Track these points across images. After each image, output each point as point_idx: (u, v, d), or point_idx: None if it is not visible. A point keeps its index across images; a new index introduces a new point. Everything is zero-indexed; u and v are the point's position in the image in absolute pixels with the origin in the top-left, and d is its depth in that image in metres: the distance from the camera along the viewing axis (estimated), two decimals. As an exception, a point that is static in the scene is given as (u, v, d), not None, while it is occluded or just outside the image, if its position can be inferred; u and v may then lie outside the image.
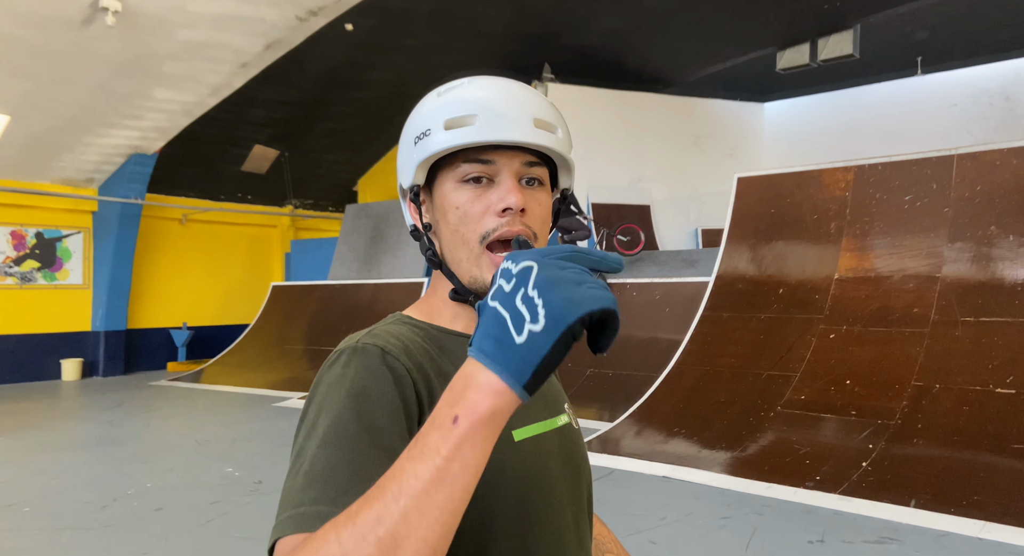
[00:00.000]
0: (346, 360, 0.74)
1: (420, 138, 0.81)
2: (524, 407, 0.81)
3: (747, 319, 6.49)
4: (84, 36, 8.12)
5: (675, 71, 13.65)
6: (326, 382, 0.73)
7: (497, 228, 0.79)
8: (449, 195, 0.81)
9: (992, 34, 11.78)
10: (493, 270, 0.80)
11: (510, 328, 0.55)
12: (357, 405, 0.69)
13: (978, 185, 5.77)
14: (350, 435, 0.67)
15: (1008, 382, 4.82)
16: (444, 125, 0.79)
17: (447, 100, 0.81)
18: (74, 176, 11.20)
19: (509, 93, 0.81)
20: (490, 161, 0.80)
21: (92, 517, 4.43)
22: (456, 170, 0.81)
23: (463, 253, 0.81)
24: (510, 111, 0.79)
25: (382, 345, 0.75)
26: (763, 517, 4.22)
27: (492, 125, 0.78)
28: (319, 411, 0.71)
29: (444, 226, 0.83)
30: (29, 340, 10.96)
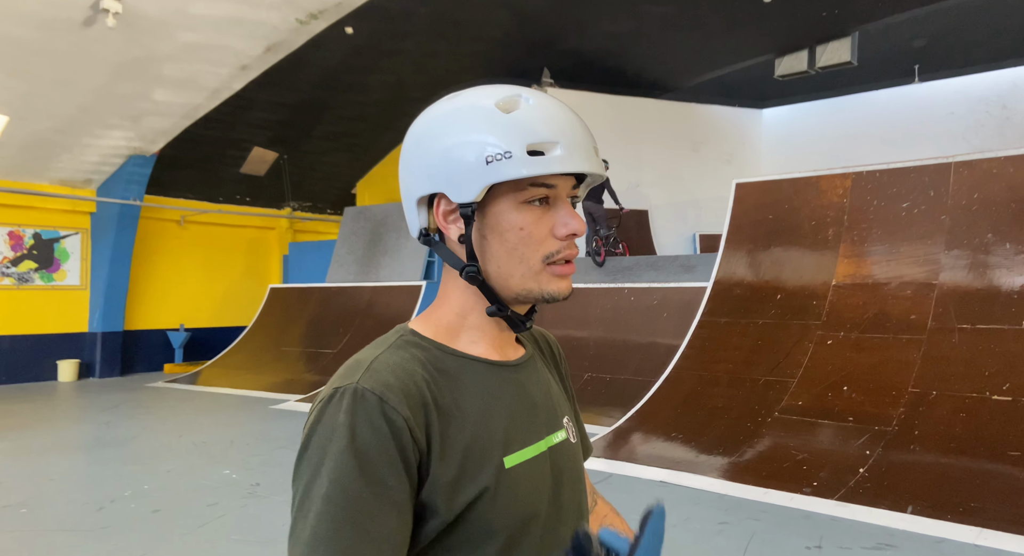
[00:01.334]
0: (347, 407, 0.72)
1: (497, 159, 0.77)
2: (519, 429, 0.83)
3: (745, 325, 6.50)
4: (84, 37, 8.13)
5: (674, 77, 13.70)
6: (328, 428, 0.72)
7: (560, 251, 0.82)
8: (509, 215, 0.81)
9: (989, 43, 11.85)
10: (554, 282, 0.83)
11: None
12: (359, 463, 0.70)
13: (975, 193, 5.80)
14: (354, 495, 0.69)
15: (1004, 389, 4.84)
16: (528, 149, 0.78)
17: (522, 120, 0.79)
18: (72, 177, 11.19)
19: (576, 120, 0.83)
20: (554, 185, 0.82)
21: (89, 519, 4.43)
22: (523, 192, 0.80)
23: (518, 270, 0.82)
24: (584, 141, 0.82)
25: (380, 393, 0.73)
26: (760, 523, 4.23)
27: (575, 155, 0.80)
28: (322, 459, 0.71)
29: (498, 244, 0.82)
30: (25, 341, 10.94)
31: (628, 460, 5.47)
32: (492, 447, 0.79)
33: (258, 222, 14.45)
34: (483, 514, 0.76)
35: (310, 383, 9.28)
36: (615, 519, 1.09)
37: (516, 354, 0.91)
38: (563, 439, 0.90)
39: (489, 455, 0.78)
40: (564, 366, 1.05)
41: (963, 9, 10.51)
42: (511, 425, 0.82)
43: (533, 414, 0.86)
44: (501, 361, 0.87)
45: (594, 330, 7.96)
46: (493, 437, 0.80)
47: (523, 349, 0.94)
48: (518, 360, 0.89)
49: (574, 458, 0.91)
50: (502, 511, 0.77)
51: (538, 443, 0.85)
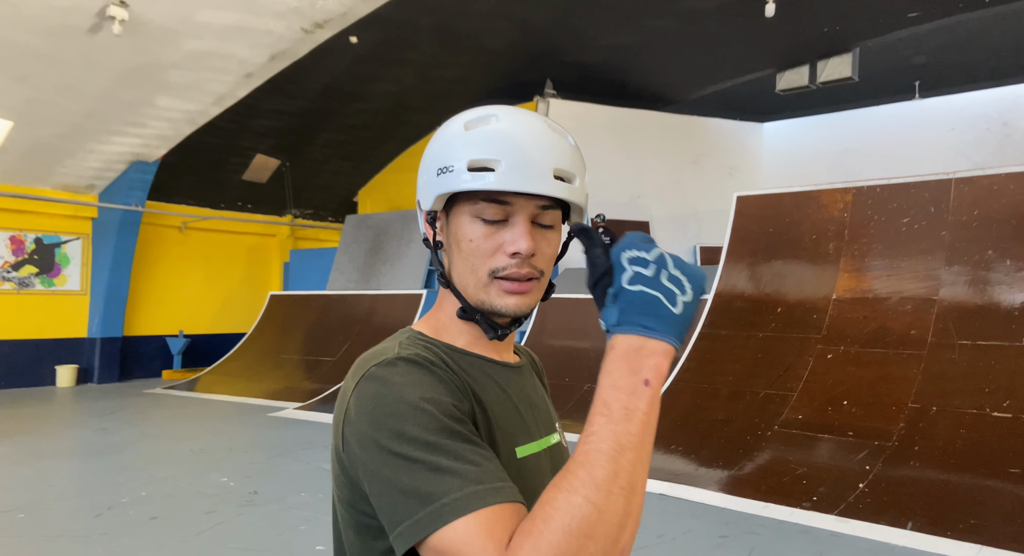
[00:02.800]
0: (400, 370, 0.76)
1: (443, 172, 0.83)
2: (526, 424, 0.87)
3: (745, 337, 6.51)
4: (90, 44, 8.17)
5: (675, 90, 13.76)
6: (388, 394, 0.74)
7: (506, 268, 0.83)
8: (465, 227, 0.84)
9: (990, 60, 11.92)
10: (502, 297, 0.84)
11: (665, 304, 0.71)
12: (436, 407, 0.73)
13: (975, 209, 5.82)
14: (449, 430, 0.72)
15: (1005, 406, 4.84)
16: (468, 165, 0.81)
17: (473, 137, 0.83)
18: (75, 182, 11.21)
19: (534, 138, 0.82)
20: (507, 203, 0.82)
21: (86, 525, 4.41)
22: (474, 205, 0.83)
23: (471, 280, 0.85)
24: (533, 160, 0.81)
25: (423, 357, 0.79)
26: (760, 537, 4.21)
27: (514, 174, 0.80)
28: (401, 419, 0.72)
29: (456, 253, 0.86)
30: (25, 346, 10.92)
31: (627, 472, 5.45)
32: (506, 434, 0.83)
33: (259, 229, 14.47)
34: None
35: (309, 391, 9.26)
36: None
37: (513, 359, 0.96)
38: (558, 441, 0.95)
39: (504, 441, 0.82)
40: (546, 384, 1.09)
41: (964, 27, 10.58)
42: (519, 419, 0.87)
43: (534, 413, 0.91)
44: (502, 361, 0.92)
45: (595, 341, 7.95)
46: (506, 426, 0.84)
47: (517, 357, 0.99)
48: (517, 364, 0.95)
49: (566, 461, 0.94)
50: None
51: (540, 440, 0.89)
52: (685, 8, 10.05)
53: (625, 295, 0.71)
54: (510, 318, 0.88)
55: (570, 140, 0.87)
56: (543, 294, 0.90)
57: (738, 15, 10.06)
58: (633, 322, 0.70)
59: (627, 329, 0.70)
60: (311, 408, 8.55)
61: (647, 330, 0.70)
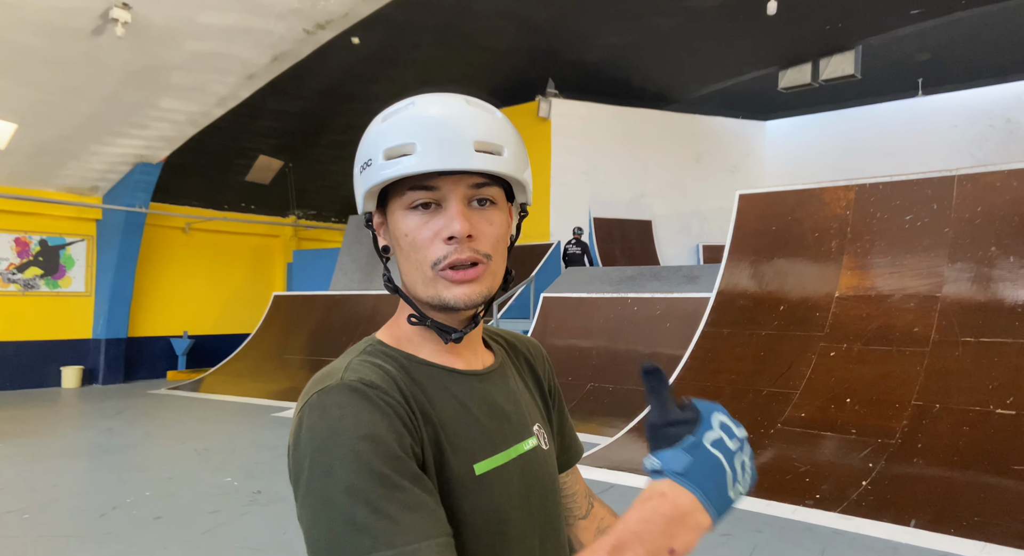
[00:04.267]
0: (339, 401, 0.72)
1: (364, 167, 0.80)
2: (488, 437, 0.83)
3: (748, 336, 6.50)
4: (94, 46, 8.20)
5: (677, 88, 13.75)
6: (326, 426, 0.70)
7: (447, 255, 0.79)
8: (399, 222, 0.81)
9: (993, 57, 11.88)
10: (450, 288, 0.80)
11: (728, 482, 0.69)
12: (372, 445, 0.69)
13: (978, 206, 5.81)
14: (379, 475, 0.68)
15: (1008, 403, 4.83)
16: (384, 155, 0.78)
17: (388, 127, 0.80)
18: (79, 184, 11.25)
19: (449, 117, 0.79)
20: (434, 187, 0.79)
21: (91, 525, 4.43)
22: (403, 197, 0.80)
23: (418, 277, 0.81)
24: (449, 137, 0.77)
25: (368, 381, 0.75)
26: (763, 534, 4.21)
27: (431, 154, 0.76)
28: (331, 457, 0.69)
29: (399, 252, 0.83)
30: (30, 347, 10.97)
31: (631, 471, 5.46)
32: (462, 453, 0.79)
33: (263, 230, 14.50)
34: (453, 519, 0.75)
35: (312, 391, 9.28)
36: (613, 520, 1.08)
37: (484, 362, 0.91)
38: (533, 446, 0.89)
39: (460, 460, 0.79)
40: (546, 370, 1.04)
41: (967, 23, 10.54)
42: (479, 433, 0.82)
43: (501, 422, 0.86)
44: (466, 370, 0.87)
45: (597, 340, 7.96)
46: (463, 443, 0.80)
47: (492, 356, 0.93)
48: (485, 370, 0.89)
49: (544, 463, 0.91)
50: (473, 517, 0.78)
51: (507, 451, 0.85)
52: (687, 6, 10.04)
53: (703, 452, 0.68)
54: (466, 314, 0.85)
55: (497, 114, 0.83)
56: (501, 283, 0.85)
57: (740, 13, 10.04)
58: (697, 482, 0.67)
59: (688, 484, 0.67)
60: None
61: (705, 498, 0.67)
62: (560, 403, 1.06)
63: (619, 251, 12.76)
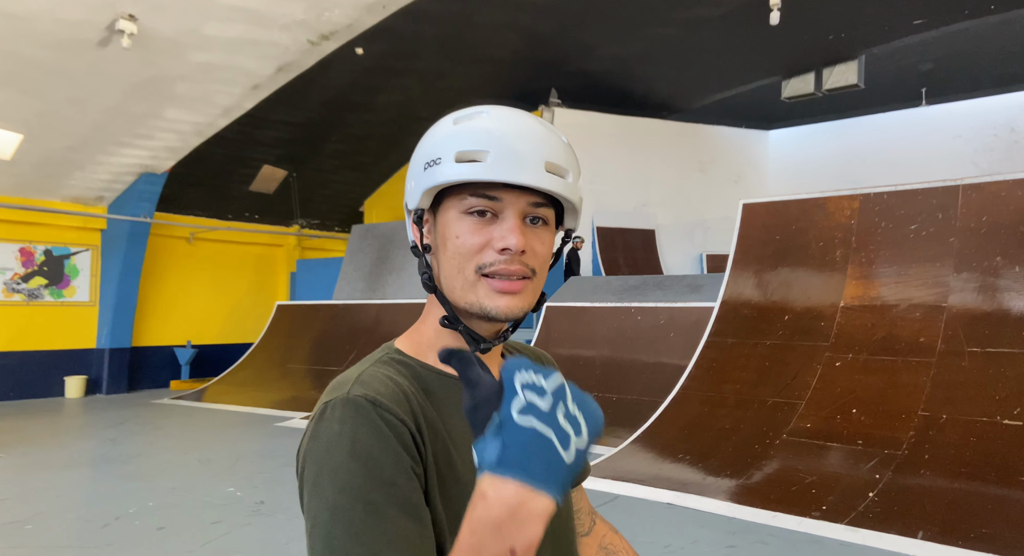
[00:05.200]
0: (340, 416, 0.72)
1: (430, 165, 0.80)
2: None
3: (752, 345, 6.48)
4: (100, 58, 8.26)
5: (681, 98, 13.78)
6: (324, 440, 0.71)
7: (495, 263, 0.79)
8: (452, 224, 0.81)
9: (996, 67, 11.89)
10: (492, 297, 0.79)
11: (557, 447, 0.57)
12: (364, 466, 0.69)
13: (983, 216, 5.79)
14: (364, 500, 0.67)
15: (1015, 414, 4.80)
16: (455, 157, 0.78)
17: (461, 130, 0.80)
18: (84, 194, 11.30)
19: (524, 131, 0.80)
20: (496, 198, 0.79)
21: (94, 535, 4.41)
22: (462, 201, 0.80)
23: (458, 281, 0.81)
24: (523, 151, 0.78)
25: (372, 399, 0.73)
26: (769, 546, 4.18)
27: (502, 164, 0.77)
28: (321, 473, 0.70)
29: (443, 252, 0.83)
30: (34, 357, 10.98)
31: (634, 481, 5.43)
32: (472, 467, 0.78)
33: (266, 239, 14.54)
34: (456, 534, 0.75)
35: (316, 401, 9.24)
36: (614, 538, 1.08)
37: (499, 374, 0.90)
38: None
39: (470, 474, 0.77)
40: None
41: (970, 33, 10.56)
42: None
43: None
44: None
45: (600, 349, 7.94)
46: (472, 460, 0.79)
47: None
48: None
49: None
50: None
51: None
52: (689, 17, 10.08)
53: (512, 429, 0.58)
54: (500, 325, 0.84)
55: (564, 138, 0.84)
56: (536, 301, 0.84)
57: (743, 23, 10.08)
58: (516, 466, 0.57)
59: (507, 473, 0.57)
60: (318, 418, 8.55)
61: (532, 480, 0.56)
62: None
63: (622, 260, 12.76)
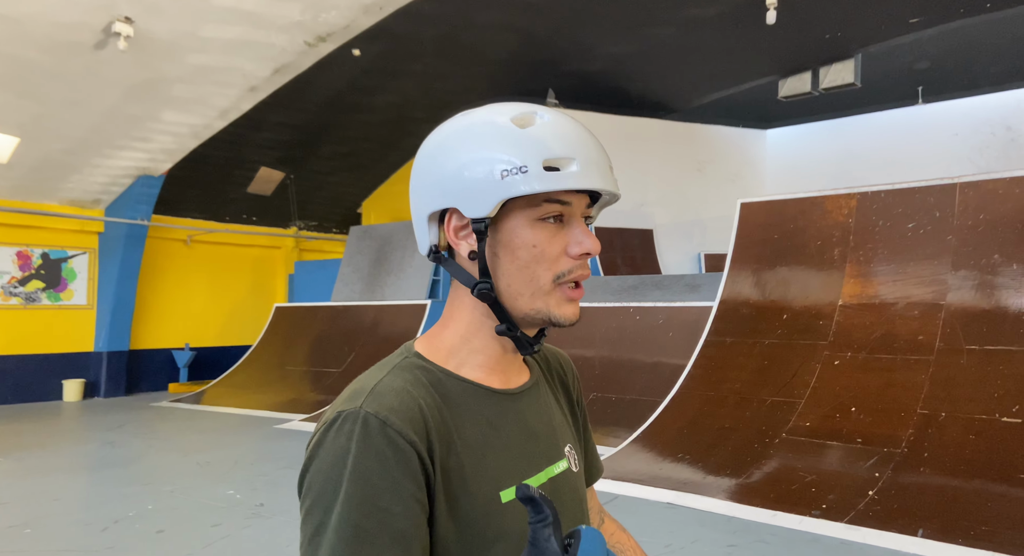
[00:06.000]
0: (349, 432, 0.71)
1: (512, 173, 0.76)
2: (518, 461, 0.81)
3: (751, 344, 6.48)
4: (96, 60, 8.24)
5: (678, 97, 13.79)
6: (329, 455, 0.72)
7: (572, 270, 0.81)
8: (523, 231, 0.79)
9: (993, 65, 11.91)
10: (562, 305, 0.81)
11: None
12: (362, 491, 0.69)
13: (981, 214, 5.80)
14: (356, 524, 0.68)
15: (1014, 411, 4.80)
16: (543, 164, 0.77)
17: (538, 136, 0.78)
18: (81, 197, 11.28)
19: (591, 138, 0.81)
20: (569, 203, 0.80)
21: (93, 539, 4.40)
22: (537, 208, 0.79)
23: (528, 289, 0.80)
24: (599, 159, 0.80)
25: (384, 417, 0.72)
26: (769, 545, 4.18)
27: (591, 172, 0.78)
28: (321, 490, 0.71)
29: (509, 261, 0.80)
30: (31, 360, 10.95)
31: (634, 481, 5.43)
32: (487, 480, 0.78)
33: (264, 241, 14.52)
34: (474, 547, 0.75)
35: (314, 402, 9.26)
36: (622, 536, 1.08)
37: (520, 379, 0.89)
38: (564, 469, 0.89)
39: (484, 488, 0.77)
40: (576, 387, 1.03)
41: (966, 31, 10.58)
42: (508, 458, 0.81)
43: (533, 445, 0.85)
44: (502, 389, 0.85)
45: (600, 349, 7.94)
46: (489, 470, 0.78)
47: (528, 373, 0.92)
48: (520, 388, 0.88)
49: (575, 487, 0.91)
50: (497, 544, 0.76)
51: (538, 475, 0.84)
52: (685, 16, 10.09)
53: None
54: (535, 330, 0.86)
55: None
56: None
57: (739, 22, 10.08)
58: None
59: None
60: (317, 419, 8.54)
61: None
62: (585, 420, 1.05)
63: (620, 260, 12.76)
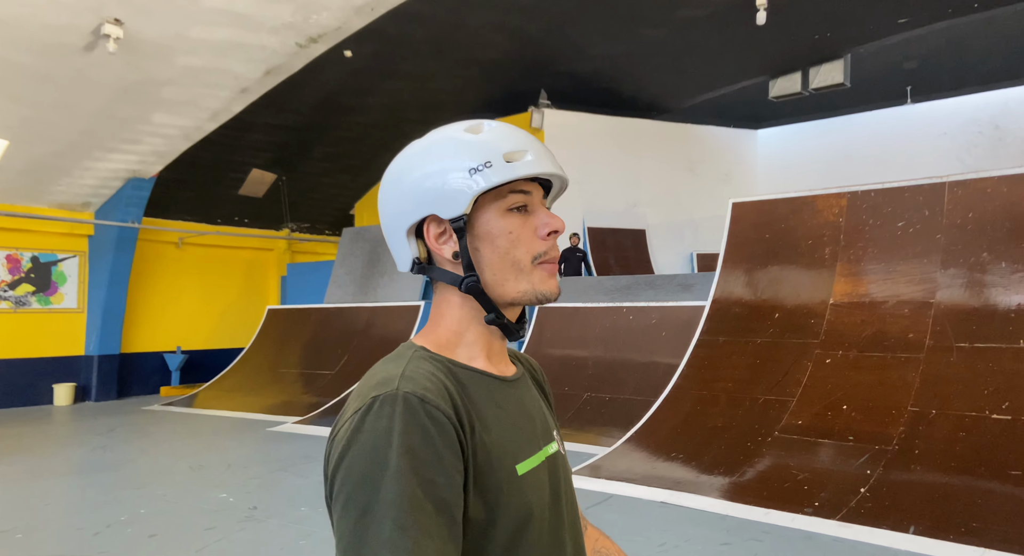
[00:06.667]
0: (390, 413, 0.74)
1: (479, 169, 0.85)
2: (524, 440, 0.87)
3: (743, 343, 6.51)
4: (85, 62, 8.20)
5: (669, 98, 13.83)
6: (371, 434, 0.74)
7: (547, 251, 0.90)
8: (498, 222, 0.88)
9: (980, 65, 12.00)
10: (545, 281, 0.90)
11: None
12: (412, 463, 0.72)
13: (969, 212, 5.85)
14: (410, 495, 0.71)
15: (1004, 408, 4.84)
16: (504, 157, 0.86)
17: (494, 136, 0.88)
18: (71, 200, 11.22)
19: (533, 137, 0.92)
20: (529, 192, 0.90)
21: (85, 544, 4.38)
22: (505, 200, 0.88)
23: (511, 273, 0.88)
24: (546, 151, 0.91)
25: (421, 396, 0.76)
26: (763, 543, 4.20)
27: (544, 160, 0.88)
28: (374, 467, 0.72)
29: (490, 251, 0.88)
30: (22, 365, 10.88)
31: (628, 481, 5.44)
32: (506, 454, 0.83)
33: (256, 243, 14.47)
34: (495, 517, 0.80)
35: (308, 405, 9.23)
36: (606, 542, 1.14)
37: (511, 370, 0.97)
38: (556, 450, 0.95)
39: (504, 462, 0.83)
40: (548, 391, 1.11)
41: (954, 31, 10.65)
42: (517, 435, 0.87)
43: (532, 426, 0.92)
44: (500, 376, 0.92)
45: (593, 349, 7.95)
46: (506, 445, 0.84)
47: (515, 367, 0.99)
48: (514, 376, 0.95)
49: (566, 468, 0.98)
50: (512, 514, 0.81)
51: (538, 453, 0.90)
52: (677, 17, 10.12)
53: None
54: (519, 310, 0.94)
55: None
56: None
57: (730, 23, 10.13)
58: None
59: None
60: (310, 422, 8.52)
61: None
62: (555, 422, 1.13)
63: (613, 260, 12.79)
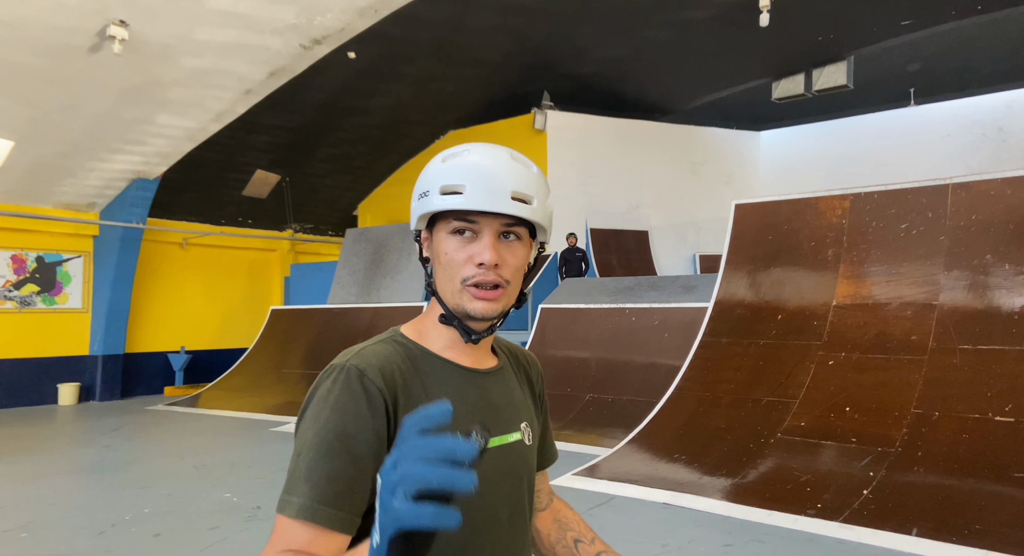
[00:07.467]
0: (334, 378, 0.93)
1: (422, 196, 1.00)
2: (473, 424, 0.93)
3: (746, 345, 6.51)
4: (91, 64, 8.24)
5: (672, 100, 13.83)
6: (319, 394, 0.93)
7: (475, 276, 0.98)
8: (442, 242, 1.00)
9: (984, 67, 11.99)
10: (472, 301, 0.99)
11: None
12: (335, 416, 0.90)
13: (973, 214, 5.84)
14: (327, 442, 0.89)
15: (1007, 410, 4.84)
16: (440, 190, 0.97)
17: (446, 168, 0.99)
18: (76, 201, 11.26)
19: (495, 168, 0.97)
20: (475, 221, 0.98)
21: (89, 543, 4.40)
22: (448, 224, 1.00)
23: (448, 287, 1.00)
24: (492, 185, 0.96)
25: (363, 368, 0.93)
26: (765, 545, 4.20)
27: (477, 196, 0.96)
28: (311, 417, 0.92)
29: (437, 264, 1.02)
30: (26, 364, 10.92)
31: (630, 482, 5.45)
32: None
33: (260, 244, 14.50)
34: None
35: (311, 405, 9.24)
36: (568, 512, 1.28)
37: (488, 363, 1.08)
38: (516, 439, 1.06)
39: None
40: (540, 383, 1.21)
41: (957, 33, 10.65)
42: (468, 420, 0.97)
43: (492, 414, 1.03)
44: (470, 367, 1.04)
45: (596, 351, 7.96)
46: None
47: (496, 360, 1.11)
48: (487, 369, 1.07)
49: (524, 457, 1.07)
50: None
51: (491, 440, 0.98)
52: (680, 19, 10.13)
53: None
54: (484, 324, 1.02)
55: (533, 169, 1.01)
56: (515, 301, 1.04)
57: (732, 25, 10.13)
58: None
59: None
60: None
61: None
62: (546, 413, 1.24)
63: (616, 262, 12.79)
